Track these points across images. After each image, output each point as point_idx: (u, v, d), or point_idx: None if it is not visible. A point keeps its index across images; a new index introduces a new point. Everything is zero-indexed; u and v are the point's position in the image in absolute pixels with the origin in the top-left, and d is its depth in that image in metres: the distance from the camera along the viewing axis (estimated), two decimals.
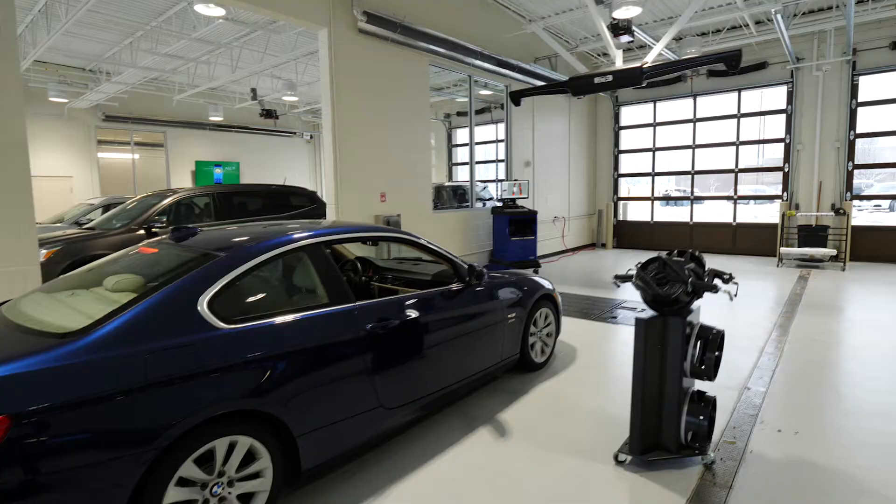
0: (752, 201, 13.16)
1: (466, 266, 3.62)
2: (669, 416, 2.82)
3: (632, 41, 8.04)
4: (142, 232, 6.96)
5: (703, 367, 2.75)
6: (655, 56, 7.35)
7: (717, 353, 2.85)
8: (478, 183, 11.04)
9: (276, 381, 2.33)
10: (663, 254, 2.89)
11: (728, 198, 11.66)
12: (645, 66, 6.97)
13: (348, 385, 2.65)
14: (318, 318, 2.60)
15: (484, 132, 15.05)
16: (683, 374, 2.79)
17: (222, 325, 2.25)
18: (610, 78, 7.25)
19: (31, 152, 13.12)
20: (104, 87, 12.06)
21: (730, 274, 2.87)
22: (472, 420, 3.56)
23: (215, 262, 2.44)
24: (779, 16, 7.20)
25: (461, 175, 16.82)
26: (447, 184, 12.10)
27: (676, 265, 2.69)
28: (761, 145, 11.31)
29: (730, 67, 6.51)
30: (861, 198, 10.55)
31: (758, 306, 6.71)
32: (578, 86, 7.61)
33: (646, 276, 2.70)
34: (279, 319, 2.46)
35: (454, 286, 3.50)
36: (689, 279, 2.64)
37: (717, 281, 2.88)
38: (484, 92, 12.47)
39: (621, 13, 7.16)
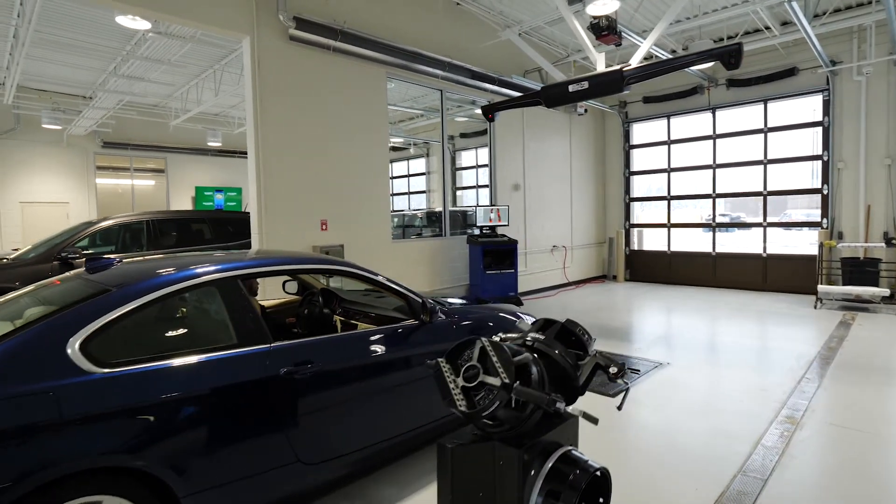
0: (804, 228, 11.29)
1: (420, 301, 3.21)
2: None
3: (619, 44, 6.92)
4: (56, 263, 6.31)
5: None
6: (642, 57, 6.17)
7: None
8: (476, 208, 10.00)
9: (155, 434, 2.08)
10: (514, 332, 1.74)
11: (758, 225, 10.07)
12: (626, 69, 5.79)
13: (255, 437, 2.36)
14: (219, 361, 2.34)
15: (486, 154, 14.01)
16: None
17: (95, 369, 2.04)
18: (586, 85, 6.09)
19: (28, 178, 13.20)
20: (90, 112, 11.88)
21: (620, 366, 1.69)
22: None
23: (100, 298, 2.24)
24: (794, 4, 5.87)
25: (466, 199, 15.82)
26: (437, 209, 11.11)
27: (502, 356, 1.53)
28: (794, 163, 9.69)
29: (728, 66, 5.25)
30: None
31: (773, 365, 5.24)
32: (552, 95, 6.49)
33: (449, 371, 1.56)
34: (168, 363, 2.22)
35: (404, 324, 3.17)
36: (516, 384, 1.48)
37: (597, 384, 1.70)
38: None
39: (597, 9, 6.06)
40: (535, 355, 1.69)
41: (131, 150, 14.61)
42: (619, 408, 1.73)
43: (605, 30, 6.43)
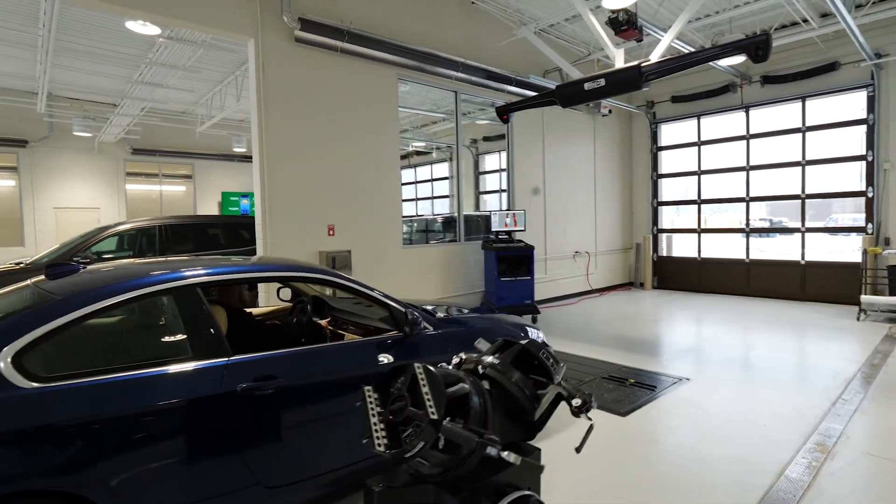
0: (851, 234, 10.43)
1: (404, 311, 3.00)
2: None
3: (640, 40, 6.56)
4: None
5: None
6: (663, 52, 5.79)
7: None
8: (492, 213, 9.75)
9: (91, 454, 1.93)
10: (458, 358, 1.50)
11: (796, 230, 9.42)
12: (644, 64, 5.45)
13: (208, 458, 2.21)
14: (168, 376, 2.19)
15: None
16: None
17: (27, 383, 1.91)
18: (602, 82, 5.78)
19: (61, 185, 13.65)
20: (117, 119, 12.20)
21: (586, 398, 1.42)
22: None
23: (41, 307, 2.12)
24: None
25: (490, 204, 15.54)
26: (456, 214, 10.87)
27: (434, 386, 1.29)
28: (835, 164, 9.03)
29: (756, 58, 4.85)
30: None
31: (807, 383, 4.78)
32: (567, 94, 6.18)
33: (375, 402, 1.33)
34: (111, 377, 2.07)
35: (384, 336, 2.97)
36: (445, 421, 1.23)
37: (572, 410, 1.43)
38: None
39: (614, 2, 5.72)
40: (487, 384, 1.43)
41: (159, 156, 14.97)
42: (578, 450, 1.45)
43: (623, 24, 6.07)
